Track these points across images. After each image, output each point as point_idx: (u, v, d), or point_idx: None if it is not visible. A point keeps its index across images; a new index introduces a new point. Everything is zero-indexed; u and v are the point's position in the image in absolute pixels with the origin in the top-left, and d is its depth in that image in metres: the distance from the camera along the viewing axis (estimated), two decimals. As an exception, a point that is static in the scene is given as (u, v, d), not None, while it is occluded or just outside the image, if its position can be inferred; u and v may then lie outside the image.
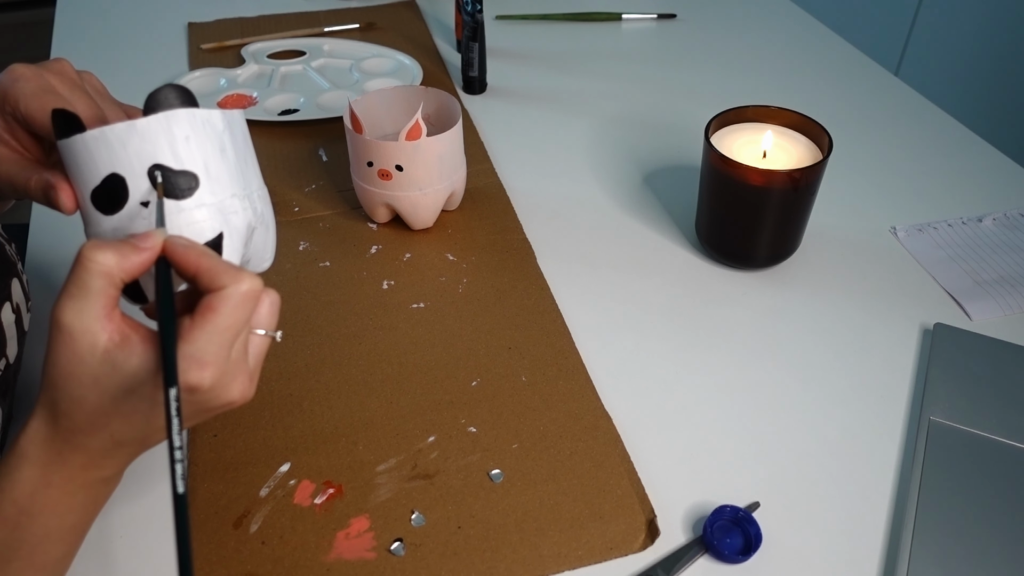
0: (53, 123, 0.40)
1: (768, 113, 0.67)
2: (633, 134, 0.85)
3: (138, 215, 0.40)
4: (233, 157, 0.42)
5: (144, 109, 0.40)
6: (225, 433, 0.54)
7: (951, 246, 0.70)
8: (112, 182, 0.39)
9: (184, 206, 0.40)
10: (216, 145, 0.41)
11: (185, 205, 0.40)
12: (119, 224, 0.40)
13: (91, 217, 0.41)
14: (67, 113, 0.40)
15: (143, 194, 0.40)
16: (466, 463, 0.52)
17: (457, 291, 0.65)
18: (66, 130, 0.40)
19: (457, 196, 0.72)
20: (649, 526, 0.49)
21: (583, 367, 0.59)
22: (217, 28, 1.03)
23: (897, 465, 0.53)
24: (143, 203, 0.40)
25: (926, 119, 0.88)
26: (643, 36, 1.04)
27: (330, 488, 0.51)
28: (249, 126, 0.84)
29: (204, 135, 0.41)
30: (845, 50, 1.01)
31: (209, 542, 0.48)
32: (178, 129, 0.40)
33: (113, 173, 0.39)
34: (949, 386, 0.57)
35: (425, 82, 0.92)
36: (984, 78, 1.74)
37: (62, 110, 0.40)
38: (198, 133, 0.40)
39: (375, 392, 0.57)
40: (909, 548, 0.48)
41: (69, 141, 0.39)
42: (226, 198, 0.41)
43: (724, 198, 0.64)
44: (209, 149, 0.41)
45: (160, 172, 0.39)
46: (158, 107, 0.40)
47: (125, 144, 0.39)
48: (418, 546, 0.48)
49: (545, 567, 0.47)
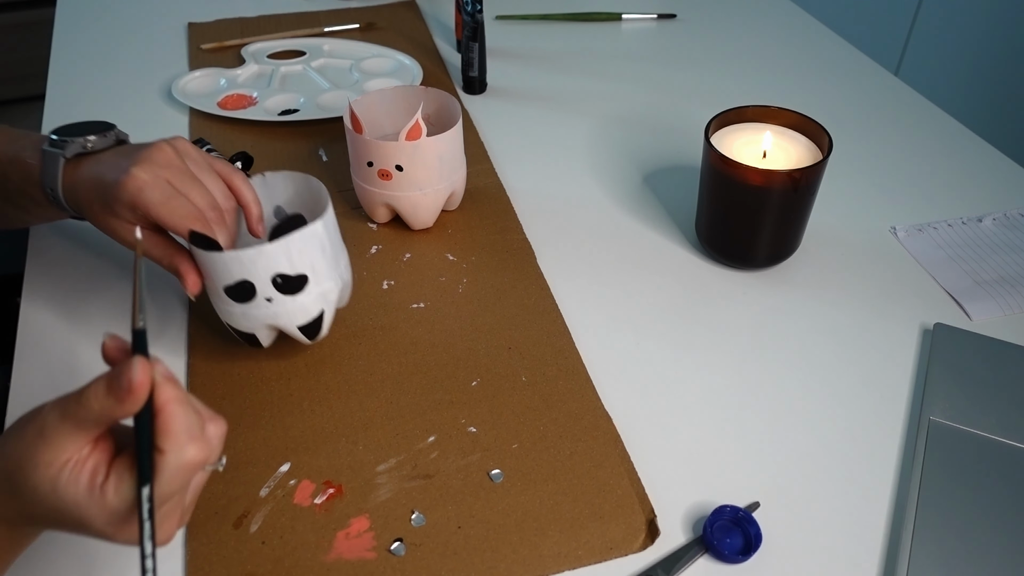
0: (191, 240, 0.51)
1: (768, 113, 0.67)
2: (633, 134, 0.85)
3: (262, 304, 0.53)
4: (330, 250, 0.54)
5: (270, 234, 0.53)
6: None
7: (951, 246, 0.70)
8: (243, 285, 0.52)
9: (297, 299, 0.53)
10: (319, 248, 0.53)
11: (298, 298, 0.53)
12: (246, 310, 0.53)
13: (223, 300, 0.53)
14: (204, 237, 0.52)
15: (267, 293, 0.52)
16: (466, 463, 0.52)
17: (457, 291, 0.65)
18: (203, 244, 0.51)
19: (457, 196, 0.72)
20: (649, 526, 0.49)
21: (583, 367, 0.59)
22: (217, 28, 1.03)
23: (897, 465, 0.53)
24: (267, 299, 0.52)
25: (926, 119, 0.88)
26: (643, 36, 1.04)
27: (330, 488, 0.51)
28: (249, 126, 0.84)
29: (312, 244, 0.52)
30: (845, 50, 1.01)
31: (209, 542, 0.48)
32: (294, 247, 0.51)
33: (244, 280, 0.51)
34: (949, 386, 0.57)
35: (425, 82, 0.92)
36: (984, 78, 1.74)
37: (200, 234, 0.51)
38: (308, 244, 0.52)
39: (375, 392, 0.57)
40: (909, 548, 0.48)
41: (207, 254, 0.51)
42: (325, 282, 0.54)
43: (724, 198, 0.64)
44: (315, 253, 0.53)
45: (280, 278, 0.52)
46: (283, 231, 0.52)
47: (255, 262, 0.51)
48: (418, 546, 0.48)
49: (545, 567, 0.47)
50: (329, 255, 0.54)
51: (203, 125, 0.85)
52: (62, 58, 0.96)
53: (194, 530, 0.49)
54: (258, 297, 0.52)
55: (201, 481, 0.40)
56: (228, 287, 0.52)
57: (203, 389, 0.57)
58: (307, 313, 0.54)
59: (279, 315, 0.54)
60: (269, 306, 0.53)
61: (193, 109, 0.86)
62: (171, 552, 0.48)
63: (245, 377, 0.58)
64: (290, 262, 0.52)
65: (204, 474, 0.40)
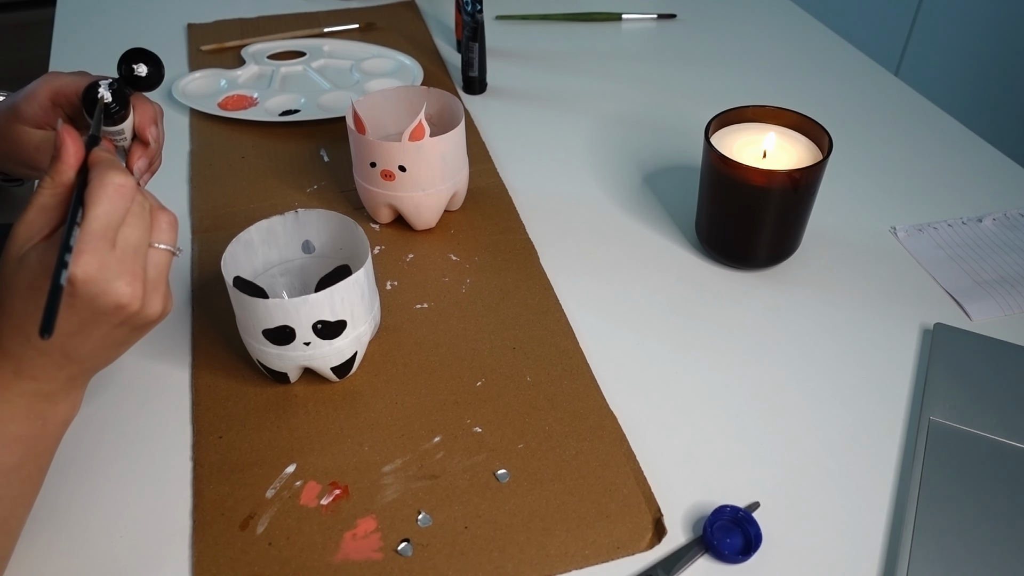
0: (236, 285, 0.53)
1: (768, 113, 0.67)
2: (633, 134, 0.85)
3: (299, 347, 0.53)
4: (368, 295, 0.55)
5: (318, 286, 0.57)
6: (230, 435, 0.54)
7: (951, 246, 0.71)
8: (284, 329, 0.52)
9: (334, 343, 0.54)
10: (358, 295, 0.54)
11: (335, 343, 0.54)
12: (283, 352, 0.54)
13: (259, 341, 0.54)
14: (248, 282, 0.56)
15: (307, 338, 0.53)
16: (472, 463, 0.53)
17: (460, 291, 0.66)
18: (247, 290, 0.53)
19: (460, 196, 0.72)
20: (656, 525, 0.50)
21: (587, 366, 0.59)
22: (217, 29, 1.03)
23: (897, 465, 0.54)
24: (305, 343, 0.53)
25: (926, 119, 0.88)
26: (643, 36, 1.04)
27: (336, 489, 0.51)
28: (250, 127, 0.85)
29: (352, 292, 0.53)
30: (845, 50, 1.01)
31: (215, 544, 0.48)
32: (336, 295, 0.52)
33: (286, 325, 0.52)
34: (949, 386, 0.58)
35: (425, 82, 0.92)
36: (984, 78, 1.74)
37: (244, 280, 0.56)
38: (349, 292, 0.53)
39: (380, 393, 0.57)
40: (909, 548, 0.48)
41: (251, 300, 0.51)
42: (361, 326, 0.55)
43: (724, 198, 0.65)
44: (355, 300, 0.54)
45: (321, 324, 0.53)
46: (330, 282, 0.55)
47: (299, 310, 0.52)
48: (425, 546, 0.48)
49: (552, 567, 0.47)
50: (367, 300, 0.55)
51: (203, 126, 0.85)
52: (62, 58, 0.96)
53: (200, 531, 0.49)
54: (296, 341, 0.53)
55: (162, 262, 0.43)
56: (267, 330, 0.53)
57: (207, 391, 0.57)
58: (342, 356, 0.55)
59: (314, 357, 0.54)
60: (306, 349, 0.54)
61: (193, 110, 0.87)
62: (178, 553, 0.48)
63: (250, 378, 0.58)
64: (332, 310, 0.52)
65: (164, 255, 0.43)
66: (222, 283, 0.66)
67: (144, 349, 0.60)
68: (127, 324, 0.41)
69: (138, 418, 0.56)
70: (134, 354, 0.60)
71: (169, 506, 0.51)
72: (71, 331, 0.40)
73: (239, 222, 0.72)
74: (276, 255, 0.60)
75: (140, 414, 0.56)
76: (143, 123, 0.50)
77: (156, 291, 0.42)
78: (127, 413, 0.56)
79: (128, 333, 0.43)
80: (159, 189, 0.72)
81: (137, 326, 0.42)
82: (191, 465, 0.53)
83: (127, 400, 0.57)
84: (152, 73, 0.47)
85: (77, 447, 0.54)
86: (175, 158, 0.80)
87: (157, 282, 0.42)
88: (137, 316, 0.41)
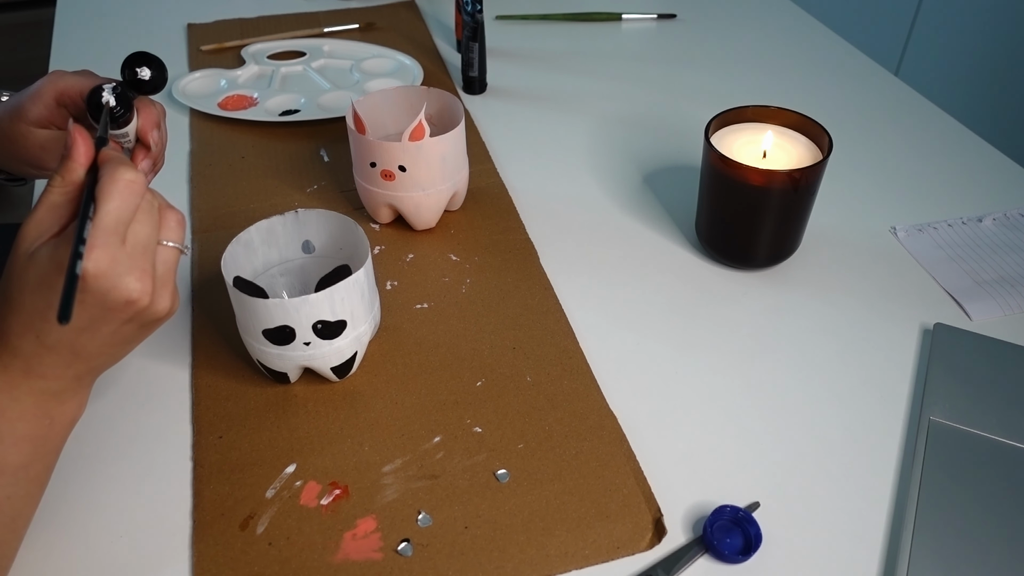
0: (236, 285, 0.53)
1: (768, 113, 0.67)
2: (633, 134, 0.85)
3: (299, 347, 0.53)
4: (368, 295, 0.55)
5: (317, 286, 0.57)
6: (230, 435, 0.54)
7: (951, 246, 0.71)
8: (284, 329, 0.52)
9: (334, 343, 0.54)
10: (358, 294, 0.54)
11: (335, 342, 0.54)
12: (283, 352, 0.54)
13: (259, 341, 0.53)
14: (248, 282, 0.56)
15: (307, 338, 0.53)
16: (472, 463, 0.53)
17: (460, 291, 0.66)
18: (247, 290, 0.53)
19: (460, 196, 0.72)
20: (656, 525, 0.50)
21: (587, 366, 0.59)
22: (216, 29, 1.03)
23: (897, 465, 0.54)
24: (305, 343, 0.53)
25: (926, 119, 0.88)
26: (643, 36, 1.04)
27: (336, 489, 0.51)
28: (250, 126, 0.85)
29: (352, 292, 0.53)
30: (845, 50, 1.01)
31: (215, 544, 0.48)
32: (336, 295, 0.52)
33: (286, 325, 0.52)
34: (949, 386, 0.58)
35: (425, 82, 0.92)
36: (984, 78, 1.74)
37: (244, 280, 0.56)
38: (349, 292, 0.53)
39: (380, 393, 0.57)
40: (909, 548, 0.48)
41: (251, 299, 0.51)
42: (361, 326, 0.55)
43: (724, 198, 0.65)
44: (355, 300, 0.54)
45: (321, 324, 0.52)
46: (330, 282, 0.55)
47: (299, 310, 0.51)
48: (425, 546, 0.48)
49: (552, 567, 0.47)
50: (367, 300, 0.55)
51: (203, 126, 0.85)
52: (62, 58, 0.96)
53: (200, 531, 0.49)
54: (296, 341, 0.53)
55: (170, 259, 0.43)
56: (267, 330, 0.53)
57: (207, 391, 0.57)
58: (341, 355, 0.55)
59: (314, 357, 0.54)
60: (306, 349, 0.54)
61: (193, 110, 0.87)
62: (178, 553, 0.48)
63: (250, 378, 0.58)
64: (332, 310, 0.53)
65: (172, 252, 0.43)
66: (222, 283, 0.66)
67: (144, 349, 0.60)
68: (135, 320, 0.42)
69: (138, 418, 0.56)
70: (135, 354, 0.60)
71: (169, 506, 0.51)
72: (81, 327, 0.40)
73: (239, 222, 0.72)
74: (276, 255, 0.60)
75: (140, 414, 0.56)
76: (145, 127, 0.50)
77: (164, 288, 0.42)
78: (127, 413, 0.56)
79: (136, 330, 0.43)
80: (159, 189, 0.72)
81: (145, 323, 0.42)
82: (191, 465, 0.53)
83: (127, 400, 0.57)
84: (155, 77, 0.47)
85: (77, 447, 0.54)
86: (175, 158, 0.80)
87: (165, 279, 0.43)
88: (146, 312, 0.41)
